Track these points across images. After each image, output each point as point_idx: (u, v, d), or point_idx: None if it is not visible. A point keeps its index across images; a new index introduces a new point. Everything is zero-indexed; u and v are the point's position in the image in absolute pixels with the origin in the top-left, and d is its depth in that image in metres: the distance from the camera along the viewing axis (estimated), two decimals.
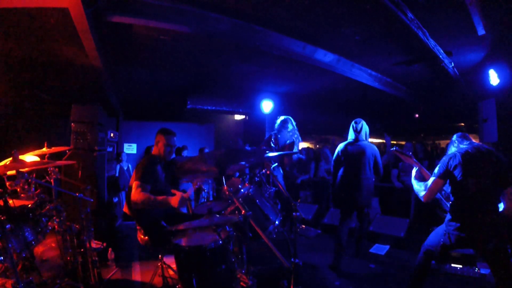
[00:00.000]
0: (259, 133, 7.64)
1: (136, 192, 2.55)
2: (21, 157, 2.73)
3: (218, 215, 2.30)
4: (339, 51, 4.73)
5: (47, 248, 2.88)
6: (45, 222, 2.54)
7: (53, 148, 3.31)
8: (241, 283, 2.16)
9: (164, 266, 2.69)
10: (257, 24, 3.80)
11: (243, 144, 5.63)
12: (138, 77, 5.90)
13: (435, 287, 3.21)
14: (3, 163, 2.55)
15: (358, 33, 4.05)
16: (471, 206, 2.29)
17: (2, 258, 1.97)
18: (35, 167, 2.69)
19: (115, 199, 5.60)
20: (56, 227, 2.67)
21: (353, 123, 3.89)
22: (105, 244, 3.43)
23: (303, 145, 11.27)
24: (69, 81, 4.87)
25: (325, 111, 8.99)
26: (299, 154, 4.46)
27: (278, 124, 4.20)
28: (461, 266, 3.47)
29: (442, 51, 4.32)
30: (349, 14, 3.52)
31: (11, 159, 2.49)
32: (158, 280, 2.79)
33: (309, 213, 5.68)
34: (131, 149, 8.15)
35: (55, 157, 3.43)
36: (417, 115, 9.31)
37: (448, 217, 2.43)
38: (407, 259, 3.99)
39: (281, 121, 4.17)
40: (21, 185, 2.65)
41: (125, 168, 6.57)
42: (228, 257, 2.18)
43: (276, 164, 4.04)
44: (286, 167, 4.36)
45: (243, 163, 2.59)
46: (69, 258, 2.80)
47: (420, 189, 2.53)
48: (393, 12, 3.21)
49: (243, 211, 2.00)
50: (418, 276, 2.55)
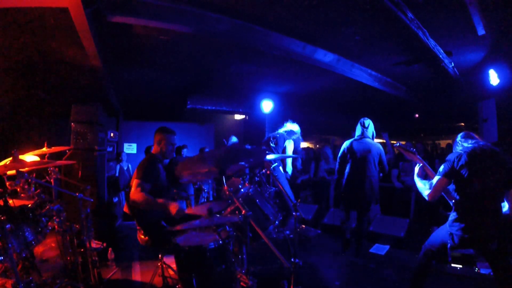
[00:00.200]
0: (259, 133, 7.64)
1: (136, 191, 2.56)
2: (21, 157, 2.73)
3: (218, 215, 2.29)
4: (339, 51, 4.73)
5: (47, 248, 2.89)
6: (45, 222, 2.54)
7: (53, 148, 3.31)
8: (241, 283, 2.15)
9: (164, 266, 2.69)
10: (257, 24, 3.80)
11: (238, 141, 5.63)
12: (138, 77, 5.90)
13: (435, 287, 3.21)
14: (3, 163, 2.55)
15: (358, 33, 4.05)
16: (476, 206, 2.27)
17: (2, 258, 1.97)
18: (35, 167, 2.70)
19: (115, 199, 5.61)
20: (56, 227, 2.67)
21: (361, 120, 4.00)
22: (105, 244, 3.44)
23: (303, 145, 11.27)
24: (69, 81, 4.86)
25: (325, 111, 8.98)
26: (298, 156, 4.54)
27: (288, 129, 4.40)
28: (461, 266, 3.47)
29: (442, 51, 4.32)
30: (349, 14, 3.51)
31: (11, 159, 2.50)
32: (158, 280, 2.79)
33: (309, 213, 5.68)
34: (131, 149, 8.15)
35: (55, 157, 3.43)
36: (417, 115, 9.31)
37: (451, 217, 2.40)
38: (407, 259, 3.98)
39: (291, 129, 4.40)
40: (21, 185, 2.66)
41: (125, 168, 6.57)
42: (228, 257, 2.18)
43: (276, 164, 4.05)
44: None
45: (243, 163, 2.58)
46: (69, 258, 2.80)
47: (424, 187, 2.47)
48: (393, 12, 3.21)
49: (243, 211, 1.99)
50: (418, 276, 2.55)
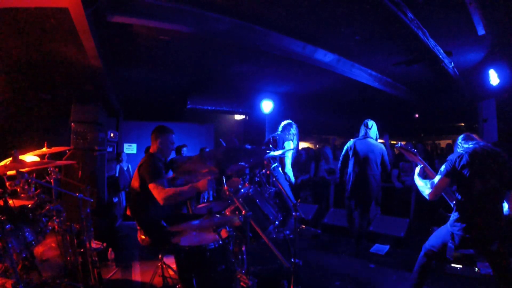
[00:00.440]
0: (259, 133, 7.64)
1: (159, 192, 2.49)
2: (21, 157, 2.73)
3: (218, 215, 2.29)
4: (339, 51, 4.73)
5: (47, 248, 2.89)
6: (45, 222, 2.54)
7: (53, 148, 3.31)
8: (241, 283, 2.16)
9: (164, 266, 2.69)
10: (257, 24, 3.80)
11: (238, 142, 5.65)
12: (138, 77, 5.90)
13: (435, 287, 3.21)
14: (3, 163, 2.55)
15: (358, 33, 4.05)
16: (477, 206, 2.27)
17: (2, 258, 1.97)
18: (35, 167, 2.69)
19: (115, 199, 5.61)
20: (56, 227, 2.67)
21: (365, 121, 4.13)
22: (105, 244, 3.44)
23: (303, 145, 11.27)
24: (69, 81, 4.87)
25: (325, 111, 8.98)
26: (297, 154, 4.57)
27: (282, 126, 4.45)
28: (461, 266, 3.48)
29: (442, 51, 4.31)
30: (349, 14, 3.51)
31: (11, 159, 2.49)
32: (158, 280, 2.79)
33: (309, 213, 5.68)
34: (131, 149, 8.15)
35: (55, 157, 3.42)
36: (417, 115, 9.31)
37: (452, 217, 2.40)
38: (407, 259, 3.98)
39: (284, 124, 4.43)
40: (21, 185, 2.65)
41: (125, 168, 6.57)
42: (228, 257, 2.18)
43: (276, 164, 4.05)
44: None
45: (243, 163, 2.58)
46: (69, 258, 2.80)
47: (425, 187, 2.47)
48: (393, 12, 3.21)
49: (243, 211, 1.99)
50: (418, 276, 2.54)
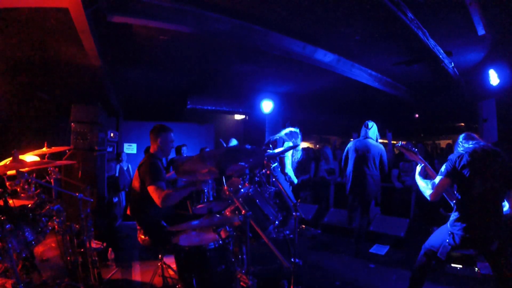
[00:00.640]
0: (259, 133, 7.64)
1: (158, 196, 2.46)
2: (21, 157, 2.73)
3: (218, 215, 2.29)
4: (339, 51, 4.72)
5: (47, 248, 2.89)
6: (45, 222, 2.54)
7: (53, 148, 3.31)
8: (241, 283, 2.16)
9: (164, 266, 2.69)
10: (257, 24, 3.80)
11: (238, 143, 5.65)
12: (138, 77, 5.90)
13: (435, 287, 3.21)
14: (3, 163, 2.55)
15: (358, 33, 4.05)
16: (477, 206, 2.28)
17: (2, 258, 1.97)
18: (35, 167, 2.70)
19: (115, 199, 5.61)
20: (56, 227, 2.67)
21: (365, 122, 4.23)
22: (105, 244, 3.44)
23: (303, 145, 11.26)
24: (69, 81, 4.87)
25: (325, 111, 8.98)
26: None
27: (288, 131, 4.44)
28: (461, 266, 3.48)
29: (442, 51, 4.31)
30: (349, 14, 3.51)
31: (11, 159, 2.50)
32: (158, 280, 2.79)
33: (309, 213, 5.68)
34: (131, 149, 8.14)
35: (55, 157, 3.43)
36: (417, 115, 9.31)
37: (452, 217, 2.40)
38: (407, 259, 3.99)
39: (291, 131, 4.44)
40: (21, 185, 2.66)
41: (125, 168, 6.57)
42: (228, 257, 2.18)
43: (276, 164, 4.06)
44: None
45: (243, 164, 2.58)
46: (69, 258, 2.80)
47: (426, 187, 2.47)
48: (393, 12, 3.21)
49: (243, 211, 1.99)
50: (418, 276, 2.55)
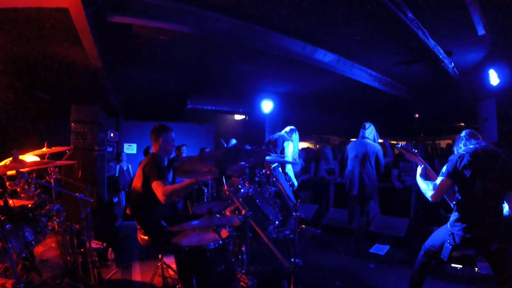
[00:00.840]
0: (259, 133, 7.64)
1: (162, 191, 2.51)
2: (21, 157, 2.73)
3: (218, 215, 2.29)
4: (339, 51, 4.73)
5: (47, 248, 2.88)
6: (45, 222, 2.54)
7: (53, 148, 3.31)
8: (241, 283, 2.16)
9: (164, 266, 2.69)
10: (257, 24, 3.80)
11: (237, 143, 5.65)
12: (138, 77, 5.90)
13: (435, 287, 3.21)
14: (3, 163, 2.55)
15: (358, 33, 4.05)
16: (477, 206, 2.28)
17: (2, 258, 1.97)
18: (35, 167, 2.70)
19: (115, 199, 5.61)
20: (56, 227, 2.67)
21: (363, 124, 4.41)
22: (105, 244, 3.44)
23: (303, 145, 11.26)
24: (69, 81, 4.87)
25: (325, 111, 8.98)
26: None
27: (286, 131, 4.54)
28: (461, 266, 3.48)
29: (442, 51, 4.31)
30: (349, 14, 3.51)
31: (11, 159, 2.50)
32: (158, 280, 2.80)
33: (309, 213, 5.68)
34: (131, 149, 8.14)
35: (55, 157, 3.43)
36: (417, 115, 9.31)
37: (453, 217, 2.40)
38: (407, 259, 3.99)
39: (289, 130, 4.54)
40: (21, 185, 2.66)
41: (125, 168, 6.57)
42: (228, 257, 2.18)
43: (276, 164, 4.05)
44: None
45: (243, 163, 2.58)
46: (69, 258, 2.81)
47: (428, 188, 2.47)
48: (393, 12, 3.21)
49: (243, 211, 1.99)
50: (418, 276, 2.55)
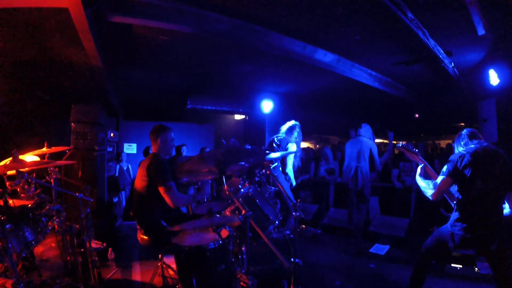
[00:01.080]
0: (259, 133, 7.64)
1: (171, 197, 2.57)
2: (21, 157, 2.73)
3: (218, 215, 2.30)
4: (339, 51, 4.72)
5: (47, 248, 2.89)
6: (45, 222, 2.54)
7: (53, 148, 3.31)
8: (241, 283, 2.16)
9: (164, 266, 2.69)
10: (257, 24, 3.79)
11: (239, 144, 5.65)
12: (138, 77, 5.90)
13: (435, 287, 3.21)
14: (3, 163, 2.55)
15: (358, 33, 4.05)
16: (478, 206, 2.28)
17: (2, 258, 1.97)
18: (35, 167, 2.70)
19: (115, 199, 5.61)
20: (56, 227, 2.67)
21: (361, 124, 4.65)
22: (105, 244, 3.44)
23: (303, 145, 11.25)
24: (69, 81, 4.86)
25: (325, 111, 8.98)
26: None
27: (286, 127, 4.48)
28: (461, 266, 3.48)
29: (442, 51, 4.31)
30: (349, 14, 3.51)
31: (11, 159, 2.50)
32: (158, 280, 2.80)
33: (309, 213, 5.68)
34: (131, 149, 8.15)
35: (55, 157, 3.43)
36: (417, 115, 9.30)
37: (453, 217, 2.41)
38: (407, 259, 3.99)
39: (289, 126, 4.48)
40: (21, 185, 2.66)
41: (125, 168, 6.57)
42: (228, 257, 2.18)
43: (276, 164, 4.05)
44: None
45: (243, 163, 2.58)
46: (69, 258, 2.81)
47: (428, 187, 2.47)
48: (393, 12, 3.21)
49: (243, 211, 1.99)
50: (418, 276, 2.55)
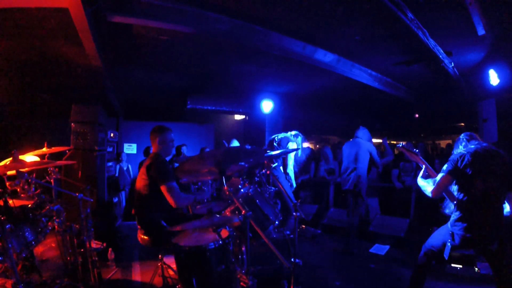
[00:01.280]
0: (259, 133, 7.64)
1: (173, 196, 2.57)
2: (21, 157, 2.73)
3: (218, 215, 2.29)
4: (339, 51, 4.72)
5: (47, 248, 2.89)
6: (45, 222, 2.54)
7: (53, 148, 3.31)
8: (241, 283, 2.16)
9: (164, 266, 2.69)
10: (257, 24, 3.79)
11: (240, 144, 5.65)
12: (138, 77, 5.90)
13: (435, 287, 3.21)
14: (3, 163, 2.55)
15: (358, 33, 4.05)
16: (478, 206, 2.28)
17: (2, 258, 1.97)
18: (35, 167, 2.70)
19: (115, 199, 5.61)
20: (56, 227, 2.67)
21: (359, 126, 4.63)
22: (105, 244, 3.44)
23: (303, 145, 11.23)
24: (69, 81, 4.87)
25: (325, 111, 8.96)
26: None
27: (291, 134, 4.54)
28: (461, 266, 3.48)
29: (442, 51, 4.31)
30: (349, 14, 3.51)
31: (11, 159, 2.50)
32: (158, 280, 2.80)
33: (309, 213, 5.68)
34: (131, 149, 8.15)
35: (55, 157, 3.43)
36: (417, 115, 9.30)
37: (453, 217, 2.41)
38: (407, 259, 3.99)
39: (295, 133, 4.56)
40: (21, 185, 2.66)
41: (125, 168, 6.57)
42: (228, 257, 2.17)
43: (276, 164, 4.06)
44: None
45: (243, 163, 2.58)
46: (69, 258, 2.81)
47: (427, 185, 2.48)
48: (393, 12, 3.21)
49: (243, 211, 1.99)
50: (418, 276, 2.55)
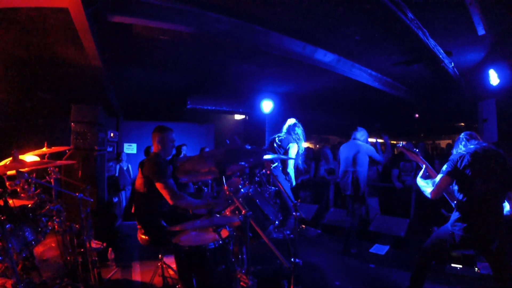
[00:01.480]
0: (259, 133, 7.64)
1: (169, 193, 2.56)
2: (21, 157, 2.73)
3: (218, 215, 2.30)
4: (339, 51, 4.72)
5: (47, 248, 2.89)
6: (45, 222, 2.54)
7: (53, 148, 3.31)
8: (241, 283, 2.15)
9: (164, 266, 2.69)
10: (257, 24, 3.80)
11: (241, 142, 5.65)
12: (138, 77, 5.90)
13: (435, 287, 3.21)
14: (3, 163, 2.55)
15: (358, 33, 4.05)
16: (478, 206, 2.29)
17: (2, 258, 1.97)
18: (35, 167, 2.70)
19: (115, 199, 5.61)
20: (56, 227, 2.67)
21: (356, 127, 4.50)
22: (105, 244, 3.44)
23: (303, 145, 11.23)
24: (69, 81, 4.87)
25: (325, 111, 8.96)
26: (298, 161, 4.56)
27: (287, 126, 4.40)
28: (461, 266, 3.48)
29: (442, 51, 4.31)
30: (349, 14, 3.51)
31: (11, 159, 2.50)
32: (158, 280, 2.80)
33: (309, 213, 5.68)
34: (131, 149, 8.15)
35: (55, 157, 3.43)
36: (417, 115, 9.30)
37: (453, 217, 2.41)
38: (407, 259, 3.99)
39: (290, 125, 4.39)
40: (21, 185, 2.66)
41: (125, 168, 6.57)
42: (228, 257, 2.18)
43: (276, 164, 4.05)
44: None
45: (243, 163, 2.58)
46: (69, 258, 2.81)
47: (427, 186, 2.48)
48: (393, 12, 3.21)
49: (243, 211, 1.99)
50: (418, 276, 2.55)
